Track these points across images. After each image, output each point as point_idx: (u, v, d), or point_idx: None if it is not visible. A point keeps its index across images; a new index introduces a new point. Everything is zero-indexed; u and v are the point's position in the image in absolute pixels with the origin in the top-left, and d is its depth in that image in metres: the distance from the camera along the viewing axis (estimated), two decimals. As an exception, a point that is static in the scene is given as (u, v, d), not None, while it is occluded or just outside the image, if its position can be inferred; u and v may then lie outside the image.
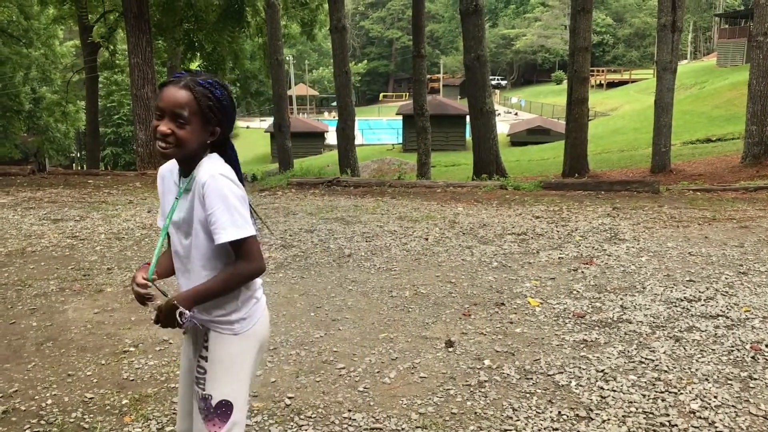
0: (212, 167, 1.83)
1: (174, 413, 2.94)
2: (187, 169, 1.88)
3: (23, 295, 4.65)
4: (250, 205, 1.86)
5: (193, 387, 1.94)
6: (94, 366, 3.46)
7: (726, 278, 4.86)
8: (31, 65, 29.57)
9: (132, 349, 3.69)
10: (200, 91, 1.78)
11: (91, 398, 3.09)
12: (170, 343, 3.76)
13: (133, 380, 3.29)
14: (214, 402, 1.89)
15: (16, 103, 29.80)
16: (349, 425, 2.85)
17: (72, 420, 2.90)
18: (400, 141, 34.62)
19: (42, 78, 31.27)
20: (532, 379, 3.27)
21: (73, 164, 40.30)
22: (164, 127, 1.77)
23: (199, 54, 18.83)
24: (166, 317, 1.83)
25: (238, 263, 1.83)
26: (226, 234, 1.78)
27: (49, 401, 3.07)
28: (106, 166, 36.92)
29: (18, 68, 28.40)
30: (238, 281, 1.85)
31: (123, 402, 3.06)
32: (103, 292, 4.72)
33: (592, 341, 3.73)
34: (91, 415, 2.94)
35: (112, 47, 21.67)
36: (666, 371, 3.31)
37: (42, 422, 2.88)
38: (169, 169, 1.99)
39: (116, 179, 10.93)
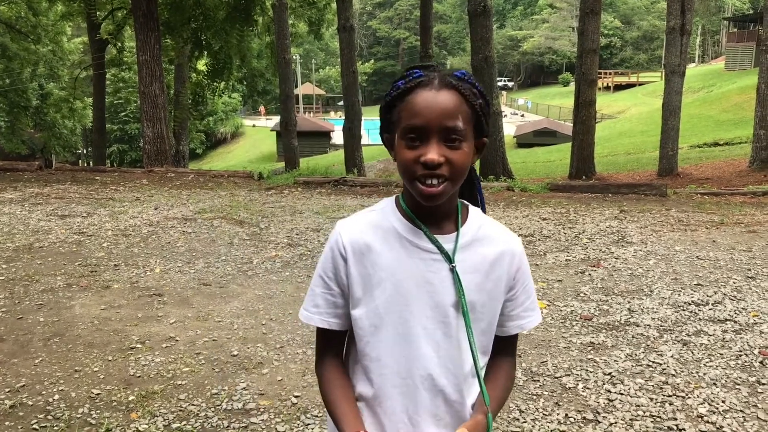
0: (496, 223, 1.32)
1: (181, 410, 2.95)
2: (434, 216, 1.24)
3: (30, 290, 4.66)
4: None
5: None
6: (101, 362, 3.46)
7: (734, 282, 4.84)
8: (39, 61, 29.64)
9: (139, 345, 3.69)
10: (467, 89, 1.19)
11: (97, 394, 3.10)
12: (177, 340, 3.76)
13: (139, 377, 3.29)
14: None
15: (23, 99, 29.90)
16: (356, 425, 2.85)
17: (79, 415, 2.90)
18: (406, 141, 34.54)
19: (49, 74, 31.35)
20: (539, 381, 3.26)
21: (80, 161, 40.45)
22: (435, 153, 1.14)
23: (206, 52, 18.88)
24: None
25: (511, 360, 1.35)
26: (536, 316, 1.34)
27: (56, 396, 3.07)
28: (112, 163, 37.05)
29: (26, 64, 28.47)
30: (512, 385, 1.37)
31: (130, 398, 3.06)
32: (110, 289, 4.72)
33: (599, 344, 3.72)
34: (98, 411, 2.94)
35: (119, 44, 21.73)
36: (674, 375, 3.30)
37: (49, 417, 2.88)
38: (377, 228, 1.26)
39: (123, 176, 10.96)
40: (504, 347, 1.33)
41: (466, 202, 1.30)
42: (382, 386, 1.23)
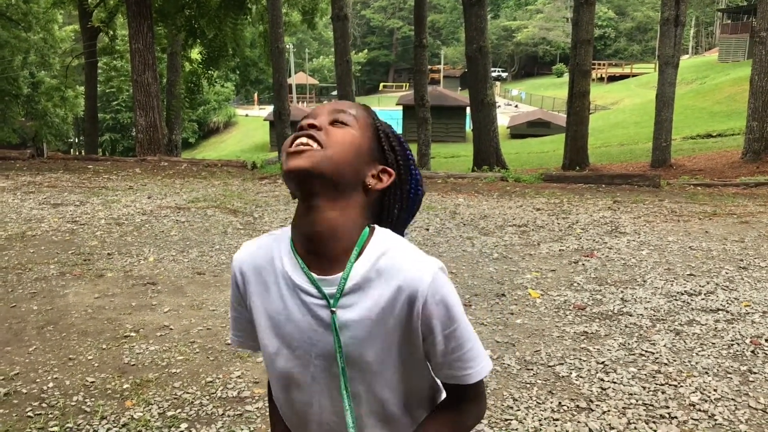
0: (408, 251, 1.05)
1: (176, 398, 2.95)
2: (321, 252, 1.04)
3: (24, 278, 4.64)
4: None
5: None
6: (95, 350, 3.46)
7: (726, 273, 4.87)
8: (30, 49, 29.37)
9: (133, 334, 3.69)
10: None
11: (92, 382, 3.10)
12: (171, 329, 3.76)
13: (134, 365, 3.29)
14: None
15: (14, 87, 29.62)
16: (351, 413, 2.85)
17: (73, 403, 2.90)
18: (400, 131, 34.46)
19: (41, 62, 31.07)
20: (532, 369, 3.28)
21: (71, 150, 40.19)
22: (312, 119, 1.07)
23: (200, 41, 18.74)
24: None
25: (466, 406, 1.12)
26: (476, 370, 1.07)
27: (51, 384, 3.07)
28: (104, 152, 36.87)
29: (16, 52, 28.21)
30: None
31: (124, 386, 3.06)
32: (103, 277, 4.71)
33: (592, 333, 3.74)
34: (93, 399, 2.94)
35: (112, 32, 21.55)
36: (666, 364, 3.32)
37: (43, 405, 2.88)
38: (268, 255, 1.09)
39: (116, 165, 10.90)
40: (455, 394, 1.12)
41: (378, 227, 1.07)
42: (289, 424, 1.19)
